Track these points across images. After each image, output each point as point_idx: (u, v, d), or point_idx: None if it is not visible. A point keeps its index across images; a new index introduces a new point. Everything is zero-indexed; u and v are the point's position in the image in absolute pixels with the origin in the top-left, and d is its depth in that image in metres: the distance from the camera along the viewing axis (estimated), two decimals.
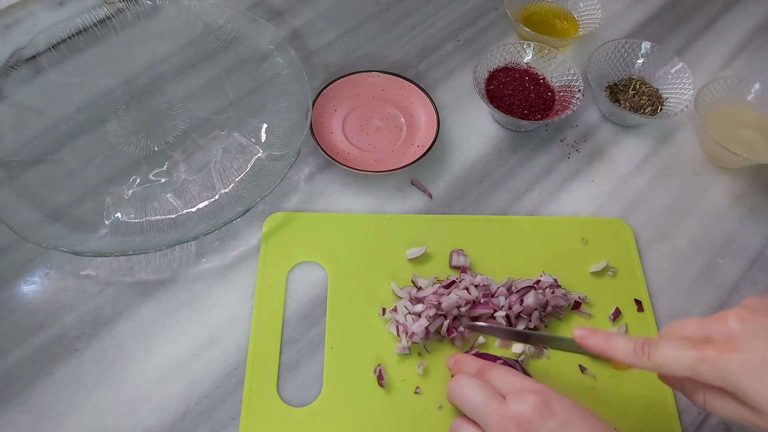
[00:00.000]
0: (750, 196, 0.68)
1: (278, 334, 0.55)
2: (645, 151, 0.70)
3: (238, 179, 0.63)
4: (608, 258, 0.61)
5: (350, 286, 0.58)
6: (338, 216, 0.62)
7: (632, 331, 0.57)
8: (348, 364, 0.54)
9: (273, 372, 0.53)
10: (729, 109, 0.70)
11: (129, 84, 0.69)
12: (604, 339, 0.44)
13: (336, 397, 0.52)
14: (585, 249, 0.61)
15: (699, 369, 0.39)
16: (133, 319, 0.56)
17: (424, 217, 0.63)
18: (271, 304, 0.57)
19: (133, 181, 0.62)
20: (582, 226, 0.63)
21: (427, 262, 0.60)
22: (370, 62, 0.75)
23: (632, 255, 0.62)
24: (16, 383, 0.53)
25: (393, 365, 0.54)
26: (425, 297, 0.55)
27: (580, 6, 0.79)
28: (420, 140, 0.67)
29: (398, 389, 0.53)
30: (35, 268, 0.58)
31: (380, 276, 0.59)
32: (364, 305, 0.57)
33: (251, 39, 0.71)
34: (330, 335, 0.55)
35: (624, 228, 0.63)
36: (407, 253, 0.60)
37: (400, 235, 0.61)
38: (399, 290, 0.57)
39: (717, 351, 0.39)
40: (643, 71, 0.74)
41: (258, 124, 0.67)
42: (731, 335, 0.39)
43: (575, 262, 0.60)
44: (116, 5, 0.71)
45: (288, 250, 0.60)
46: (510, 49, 0.72)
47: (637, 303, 0.59)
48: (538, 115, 0.69)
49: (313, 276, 0.59)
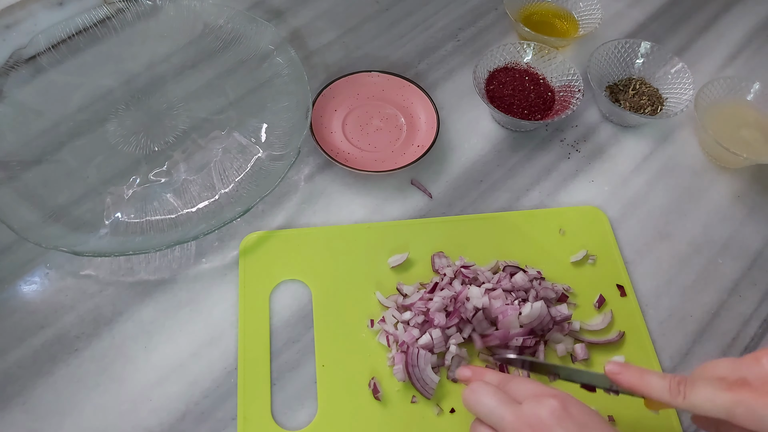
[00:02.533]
0: (750, 196, 0.68)
1: (267, 360, 0.54)
2: (645, 151, 0.70)
3: (238, 179, 0.63)
4: (587, 246, 0.61)
5: (335, 301, 0.57)
6: (316, 230, 0.61)
7: (617, 315, 0.57)
8: (341, 380, 0.53)
9: (266, 397, 0.52)
10: (729, 109, 0.70)
11: (129, 84, 0.69)
12: (638, 376, 0.42)
13: (332, 416, 0.51)
14: (563, 239, 0.62)
15: (735, 412, 0.38)
16: (133, 319, 0.56)
17: (404, 223, 0.62)
18: (255, 328, 0.55)
19: (133, 181, 0.62)
20: (557, 216, 0.63)
21: (410, 268, 0.59)
22: (370, 62, 0.75)
23: (610, 241, 0.62)
24: (16, 383, 0.53)
25: (387, 377, 0.53)
26: (412, 304, 0.55)
27: (580, 6, 0.79)
28: (420, 140, 0.67)
29: (394, 400, 0.52)
30: (35, 268, 0.58)
31: (365, 287, 0.58)
32: (351, 319, 0.56)
33: (251, 39, 0.71)
34: (320, 353, 0.54)
35: (598, 214, 0.64)
36: (389, 261, 0.59)
37: (381, 244, 0.60)
38: (385, 300, 0.57)
39: (754, 394, 0.38)
40: (643, 71, 0.74)
41: (258, 124, 0.67)
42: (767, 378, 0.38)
43: (555, 254, 0.61)
44: (116, 5, 0.71)
45: (267, 270, 0.58)
46: (510, 49, 0.72)
47: (619, 288, 0.59)
48: (538, 115, 0.69)
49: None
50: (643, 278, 0.61)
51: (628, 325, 0.57)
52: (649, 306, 0.59)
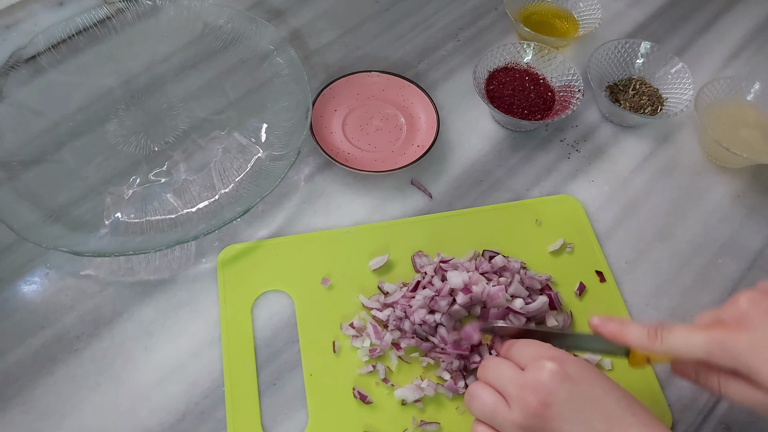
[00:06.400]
0: (750, 196, 0.68)
1: (254, 374, 0.53)
2: (645, 151, 0.70)
3: (238, 179, 0.63)
4: (564, 235, 0.62)
5: (318, 308, 0.56)
6: (294, 239, 0.60)
7: (598, 302, 0.58)
8: (329, 388, 0.52)
9: (254, 409, 0.51)
10: (729, 109, 0.70)
11: (129, 84, 0.69)
12: (619, 325, 0.44)
13: (324, 425, 0.51)
14: (540, 230, 0.62)
15: (710, 350, 0.39)
16: (133, 319, 0.56)
17: (383, 224, 0.62)
18: (238, 342, 0.54)
19: (133, 181, 0.62)
20: (533, 207, 0.64)
21: (392, 269, 0.59)
22: (370, 62, 0.75)
23: (586, 228, 0.62)
24: (16, 383, 0.53)
25: (374, 379, 0.53)
26: (395, 302, 0.55)
27: (580, 6, 0.79)
28: (420, 140, 0.67)
29: (385, 401, 0.52)
30: (35, 268, 0.58)
31: (348, 293, 0.57)
32: (335, 326, 0.55)
33: (251, 39, 0.71)
34: (306, 362, 0.53)
35: (573, 203, 0.64)
36: (371, 264, 0.59)
37: (361, 247, 0.60)
38: (368, 301, 0.56)
39: (727, 331, 0.39)
40: (643, 71, 0.74)
41: (258, 124, 0.67)
42: (742, 316, 0.39)
43: (534, 245, 0.61)
44: (116, 5, 0.71)
45: (248, 282, 0.57)
46: (510, 49, 0.72)
47: (598, 274, 0.60)
48: (538, 115, 0.69)
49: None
50: (644, 278, 0.61)
51: (609, 311, 0.58)
52: (649, 306, 0.59)
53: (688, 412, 0.54)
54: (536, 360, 0.42)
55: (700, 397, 0.55)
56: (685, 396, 0.54)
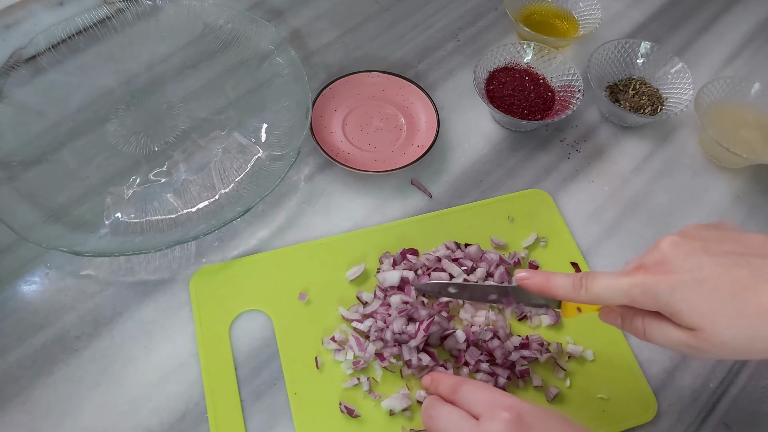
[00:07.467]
0: (750, 196, 0.68)
1: (236, 395, 0.52)
2: (645, 151, 0.70)
3: (238, 179, 0.63)
4: (536, 229, 0.62)
5: (298, 325, 0.55)
6: (267, 255, 0.59)
7: None
8: (316, 405, 0.51)
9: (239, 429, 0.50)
10: (729, 109, 0.70)
11: (129, 84, 0.69)
12: (544, 278, 0.45)
13: None
14: (513, 226, 0.62)
15: (632, 294, 0.40)
16: (133, 319, 0.56)
17: (357, 233, 0.61)
18: (217, 365, 0.53)
19: (133, 181, 0.62)
20: (504, 204, 0.64)
21: (369, 277, 0.58)
22: (370, 62, 0.75)
23: (557, 221, 0.63)
24: (16, 383, 0.53)
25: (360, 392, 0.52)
26: (374, 312, 0.55)
27: (580, 6, 0.79)
28: (420, 140, 0.67)
29: (372, 413, 0.51)
30: (35, 268, 0.58)
31: (327, 306, 0.56)
32: (316, 341, 0.54)
33: (251, 39, 0.71)
34: (290, 382, 0.52)
35: (543, 196, 0.65)
36: (347, 275, 0.58)
37: (337, 258, 0.59)
38: (347, 313, 0.55)
39: (648, 274, 0.40)
40: (643, 71, 0.74)
41: (258, 124, 0.67)
42: (663, 259, 0.40)
43: (508, 241, 0.61)
44: (116, 5, 0.71)
45: (223, 303, 0.56)
46: (510, 49, 0.72)
47: (573, 265, 0.60)
48: (538, 115, 0.69)
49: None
50: None
51: None
52: None
53: (688, 412, 0.54)
54: (491, 409, 0.41)
55: (700, 397, 0.55)
56: (685, 396, 0.55)
